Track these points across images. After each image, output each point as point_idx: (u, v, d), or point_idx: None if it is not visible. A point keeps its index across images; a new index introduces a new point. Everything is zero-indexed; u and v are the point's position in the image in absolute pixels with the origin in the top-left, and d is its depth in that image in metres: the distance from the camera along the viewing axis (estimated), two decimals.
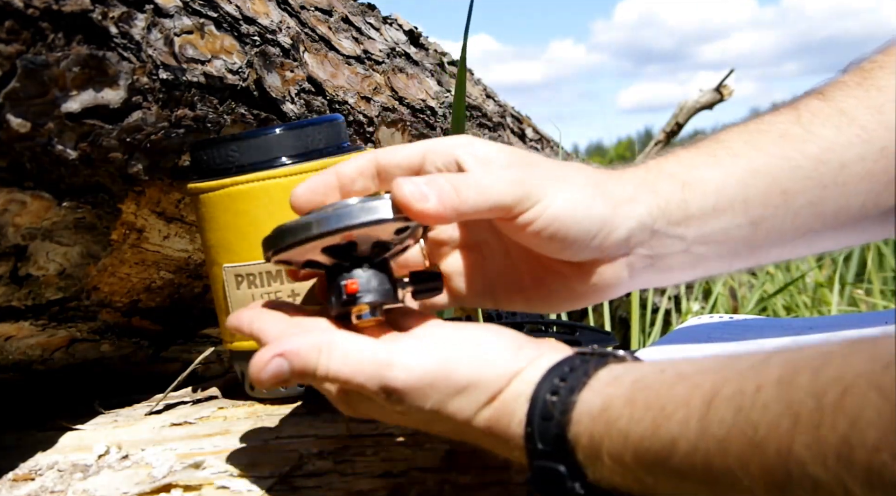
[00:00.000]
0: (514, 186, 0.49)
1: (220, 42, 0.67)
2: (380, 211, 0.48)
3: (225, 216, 0.62)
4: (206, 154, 0.63)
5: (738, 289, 2.21)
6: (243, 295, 0.62)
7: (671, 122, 2.49)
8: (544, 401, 0.41)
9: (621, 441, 0.37)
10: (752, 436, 0.31)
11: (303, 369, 0.45)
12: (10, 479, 0.61)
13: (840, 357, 0.30)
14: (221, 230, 0.62)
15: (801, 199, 0.55)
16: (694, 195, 0.53)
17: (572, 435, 0.39)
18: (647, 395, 0.37)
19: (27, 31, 0.50)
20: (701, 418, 0.34)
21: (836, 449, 0.28)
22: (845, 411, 0.28)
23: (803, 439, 0.29)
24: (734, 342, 0.65)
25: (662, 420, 0.35)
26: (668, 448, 0.35)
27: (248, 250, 0.61)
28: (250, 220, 0.61)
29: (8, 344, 0.68)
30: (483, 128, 1.18)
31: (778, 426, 0.30)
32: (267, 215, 0.60)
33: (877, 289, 2.04)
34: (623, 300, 1.83)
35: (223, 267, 0.62)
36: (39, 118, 0.53)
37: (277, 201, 0.60)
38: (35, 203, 0.58)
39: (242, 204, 0.61)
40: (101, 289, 0.70)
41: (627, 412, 0.37)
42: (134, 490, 0.57)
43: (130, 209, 0.66)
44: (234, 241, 0.62)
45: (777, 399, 0.31)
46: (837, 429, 0.28)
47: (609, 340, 0.76)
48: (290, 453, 0.59)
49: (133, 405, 0.74)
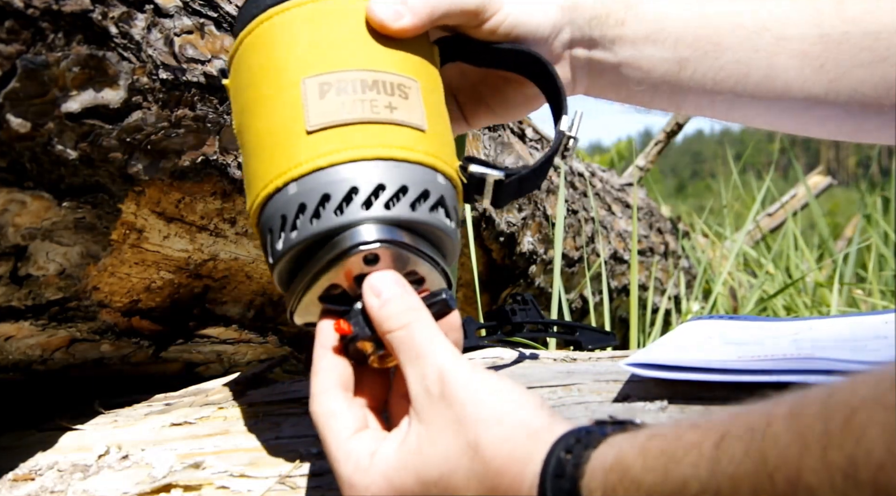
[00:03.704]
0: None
1: (220, 42, 0.67)
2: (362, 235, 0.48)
3: (300, 32, 0.53)
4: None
5: (738, 290, 2.21)
6: (331, 102, 0.51)
7: (671, 122, 2.50)
8: (558, 458, 0.40)
9: (634, 489, 0.36)
10: (763, 468, 0.31)
11: None
12: (10, 479, 0.61)
13: (848, 385, 0.31)
14: (297, 47, 0.53)
15: (729, 55, 0.59)
16: (633, 19, 0.60)
17: (585, 490, 0.38)
18: (660, 443, 0.37)
19: (27, 31, 0.50)
20: (711, 458, 0.33)
21: (843, 469, 0.28)
22: (852, 430, 0.28)
23: (811, 464, 0.29)
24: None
25: (673, 465, 0.35)
26: (679, 491, 0.34)
27: (336, 59, 0.52)
28: (341, 33, 0.54)
29: (8, 344, 0.68)
30: (483, 127, 1.18)
31: (787, 454, 0.30)
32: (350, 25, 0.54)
33: (877, 289, 2.04)
34: (623, 300, 1.83)
35: (302, 80, 0.51)
36: (39, 118, 0.53)
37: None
38: (35, 203, 0.58)
39: (324, 17, 0.54)
40: (101, 289, 0.70)
41: (640, 461, 0.37)
42: (134, 490, 0.57)
43: (130, 209, 0.66)
44: (317, 51, 0.53)
45: (787, 430, 0.31)
46: (844, 449, 0.28)
47: (609, 340, 0.76)
48: (290, 453, 0.59)
49: (133, 405, 0.74)
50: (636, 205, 1.47)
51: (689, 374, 0.57)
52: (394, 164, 0.49)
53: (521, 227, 1.30)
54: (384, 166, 0.49)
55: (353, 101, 0.50)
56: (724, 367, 0.56)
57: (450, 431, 0.43)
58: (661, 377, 0.58)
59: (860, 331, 0.66)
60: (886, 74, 0.57)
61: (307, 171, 0.49)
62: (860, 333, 0.65)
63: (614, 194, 1.95)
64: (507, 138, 1.27)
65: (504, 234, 1.26)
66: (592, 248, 1.63)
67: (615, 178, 2.16)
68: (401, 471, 0.44)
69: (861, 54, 0.57)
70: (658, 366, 0.58)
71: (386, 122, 0.50)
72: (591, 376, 0.66)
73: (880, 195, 2.75)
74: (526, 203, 1.31)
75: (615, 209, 1.88)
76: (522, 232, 1.31)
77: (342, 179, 0.49)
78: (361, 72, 0.51)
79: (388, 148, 0.50)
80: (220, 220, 0.75)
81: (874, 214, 2.51)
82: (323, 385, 0.48)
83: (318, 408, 0.48)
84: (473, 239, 1.13)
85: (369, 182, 0.49)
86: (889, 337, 0.61)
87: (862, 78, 0.58)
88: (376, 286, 0.49)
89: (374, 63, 0.52)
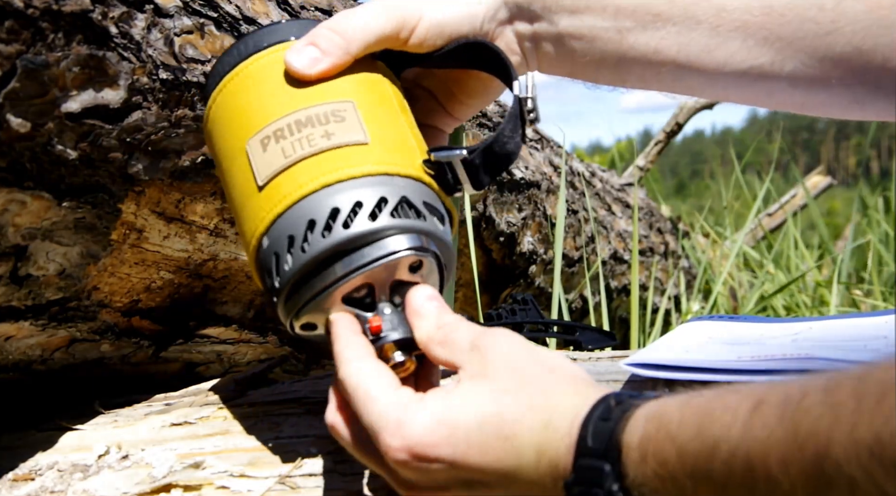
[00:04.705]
0: (390, 14, 0.56)
1: (220, 42, 0.67)
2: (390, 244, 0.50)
3: (236, 101, 0.56)
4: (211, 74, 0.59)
5: (738, 290, 2.21)
6: (272, 153, 0.53)
7: (671, 122, 2.50)
8: (607, 404, 0.41)
9: (669, 442, 0.37)
10: (794, 437, 0.32)
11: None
12: (10, 479, 0.61)
13: (885, 366, 0.31)
14: (235, 116, 0.56)
15: (670, 27, 0.59)
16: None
17: (626, 437, 0.39)
18: (700, 402, 0.38)
19: (27, 31, 0.50)
20: (745, 422, 0.34)
21: (870, 447, 0.29)
22: (882, 410, 0.29)
23: (840, 439, 0.30)
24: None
25: (708, 423, 0.36)
26: (710, 449, 0.35)
27: (268, 113, 0.54)
28: (269, 87, 0.56)
29: (8, 344, 0.68)
30: (483, 128, 1.18)
31: (818, 426, 0.31)
32: (275, 88, 0.56)
33: (877, 289, 2.04)
34: (623, 300, 1.83)
35: (246, 142, 0.54)
36: (39, 118, 0.53)
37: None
38: (35, 203, 0.58)
39: (252, 81, 0.56)
40: (101, 289, 0.70)
41: (678, 416, 0.38)
42: (134, 490, 0.57)
43: (130, 209, 0.66)
44: (252, 112, 0.55)
45: (821, 402, 0.31)
46: (874, 428, 0.29)
47: (610, 340, 0.76)
48: (290, 453, 0.59)
49: (133, 405, 0.74)
50: (636, 205, 1.47)
51: (689, 374, 0.57)
52: (344, 185, 0.51)
53: (521, 227, 1.30)
54: (334, 189, 0.51)
55: (292, 143, 0.52)
56: (724, 367, 0.56)
57: (506, 372, 0.46)
58: (661, 377, 0.58)
59: (860, 331, 0.66)
60: (832, 47, 0.56)
61: (269, 223, 0.52)
62: (860, 333, 0.65)
63: (614, 194, 1.95)
64: None
65: (504, 234, 1.26)
66: (592, 248, 1.63)
67: (615, 178, 2.16)
68: (455, 408, 0.45)
69: (805, 25, 0.56)
70: (658, 366, 0.58)
71: (326, 149, 0.52)
72: (591, 376, 0.65)
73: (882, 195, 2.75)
74: (526, 203, 1.31)
75: (615, 209, 1.88)
76: (522, 232, 1.31)
77: (297, 217, 0.51)
78: (293, 114, 0.54)
79: (333, 172, 0.51)
80: (220, 220, 0.75)
81: (875, 214, 2.51)
82: (356, 353, 0.49)
83: (354, 369, 0.48)
84: (473, 239, 1.13)
85: (322, 211, 0.51)
86: (889, 337, 0.61)
87: (807, 50, 0.57)
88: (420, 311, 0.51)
89: (303, 102, 0.54)
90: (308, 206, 0.51)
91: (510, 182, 1.24)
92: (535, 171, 1.33)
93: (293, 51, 0.55)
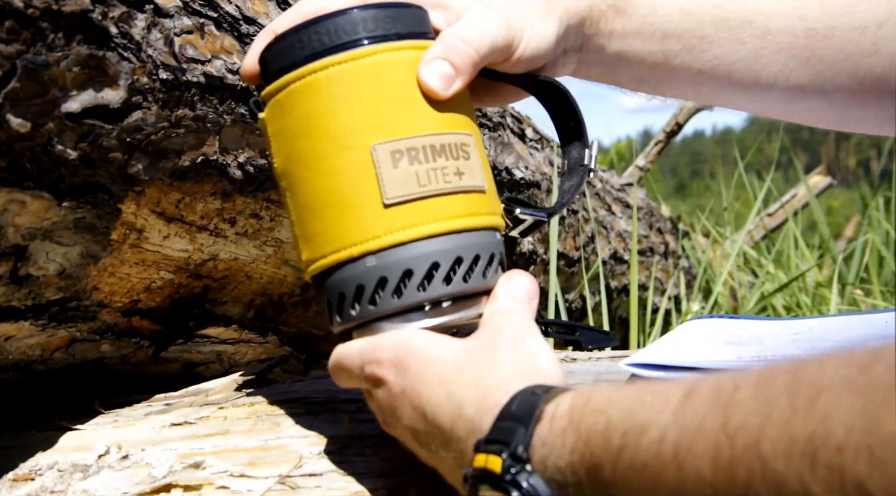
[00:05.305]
0: (504, 28, 0.55)
1: (220, 42, 0.67)
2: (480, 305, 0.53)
3: (363, 90, 0.52)
4: (285, 44, 0.53)
5: (738, 290, 2.21)
6: (405, 173, 0.51)
7: (671, 122, 2.50)
8: (544, 386, 0.43)
9: (595, 416, 0.37)
10: (723, 428, 0.31)
11: None
12: (10, 479, 0.61)
13: (816, 362, 0.31)
14: (360, 106, 0.52)
15: (715, 49, 0.60)
16: (623, 15, 0.61)
17: (549, 409, 0.40)
18: (631, 387, 0.38)
19: (27, 31, 0.50)
20: (676, 409, 0.34)
21: (802, 446, 0.28)
22: (817, 410, 0.29)
23: (772, 434, 0.29)
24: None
25: (639, 406, 0.36)
26: (638, 429, 0.35)
27: (402, 124, 0.52)
28: (402, 92, 0.53)
29: (8, 344, 0.68)
30: (483, 128, 1.18)
31: (749, 420, 0.31)
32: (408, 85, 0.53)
33: (877, 289, 2.04)
34: (623, 300, 1.83)
35: (372, 146, 0.51)
36: (39, 118, 0.53)
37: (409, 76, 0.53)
38: (35, 203, 0.58)
39: (392, 72, 0.53)
40: (101, 290, 0.70)
41: (607, 395, 0.38)
42: (134, 490, 0.57)
43: (130, 209, 0.66)
44: (383, 113, 0.52)
45: (752, 397, 0.31)
46: (807, 426, 0.28)
47: (609, 340, 0.76)
48: (290, 453, 0.59)
49: (133, 405, 0.74)
50: (636, 205, 1.47)
51: (689, 375, 0.57)
52: (466, 235, 0.52)
53: None
54: (458, 239, 0.52)
55: (427, 172, 0.51)
56: (724, 367, 0.56)
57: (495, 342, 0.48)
58: (661, 377, 0.58)
59: (860, 330, 0.66)
60: (872, 69, 0.58)
61: (386, 245, 0.51)
62: (860, 333, 0.65)
63: (614, 194, 1.95)
64: (507, 138, 1.27)
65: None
66: (592, 248, 1.63)
67: (615, 178, 2.16)
68: (428, 342, 0.49)
69: (847, 48, 0.58)
70: (658, 367, 0.58)
71: (456, 191, 0.52)
72: (591, 376, 0.66)
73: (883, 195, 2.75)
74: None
75: (615, 209, 1.89)
76: None
77: (422, 255, 0.51)
78: (428, 136, 0.52)
79: (462, 218, 0.52)
80: (220, 220, 0.75)
81: (875, 214, 2.51)
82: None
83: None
84: None
85: (448, 257, 0.51)
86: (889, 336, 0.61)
87: (847, 71, 0.59)
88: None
89: (436, 125, 0.52)
90: (433, 247, 0.51)
91: (510, 182, 1.24)
92: (535, 170, 1.33)
93: (426, 64, 0.52)
